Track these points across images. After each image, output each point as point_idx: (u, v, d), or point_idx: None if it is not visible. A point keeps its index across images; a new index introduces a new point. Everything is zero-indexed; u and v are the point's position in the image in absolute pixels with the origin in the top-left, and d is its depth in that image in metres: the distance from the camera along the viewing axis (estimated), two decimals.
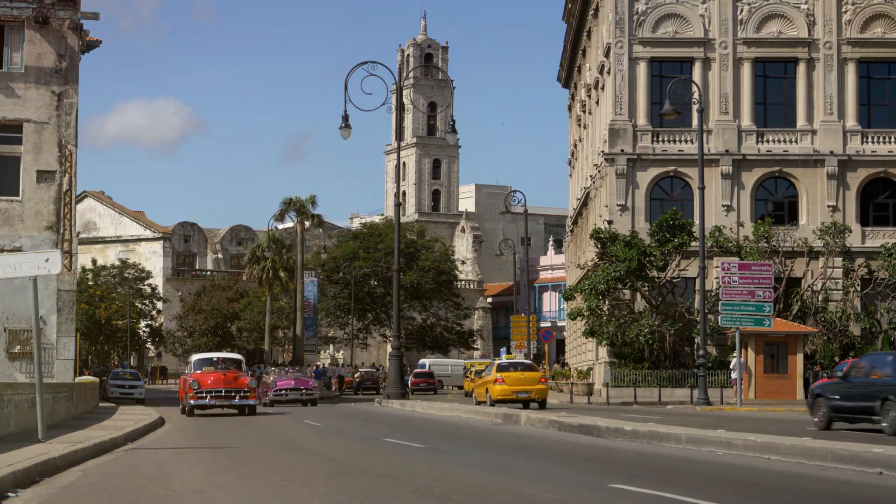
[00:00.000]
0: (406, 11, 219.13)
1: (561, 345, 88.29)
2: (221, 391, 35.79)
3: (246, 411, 36.26)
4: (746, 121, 56.40)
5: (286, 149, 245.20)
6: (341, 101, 42.64)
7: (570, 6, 74.10)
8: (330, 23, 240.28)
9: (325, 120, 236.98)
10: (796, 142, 56.31)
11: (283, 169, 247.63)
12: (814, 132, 56.13)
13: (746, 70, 56.59)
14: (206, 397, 35.70)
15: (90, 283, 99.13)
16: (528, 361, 47.71)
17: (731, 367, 47.60)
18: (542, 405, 40.38)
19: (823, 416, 26.38)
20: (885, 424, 23.75)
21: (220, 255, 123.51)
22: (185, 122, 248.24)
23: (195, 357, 39.59)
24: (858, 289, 54.19)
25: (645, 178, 56.03)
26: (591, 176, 64.69)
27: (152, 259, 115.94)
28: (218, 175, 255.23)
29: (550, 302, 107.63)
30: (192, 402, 35.73)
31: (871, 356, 28.70)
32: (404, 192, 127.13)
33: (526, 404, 39.43)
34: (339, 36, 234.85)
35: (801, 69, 56.56)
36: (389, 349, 60.08)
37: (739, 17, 56.73)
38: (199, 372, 36.95)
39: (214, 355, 40.14)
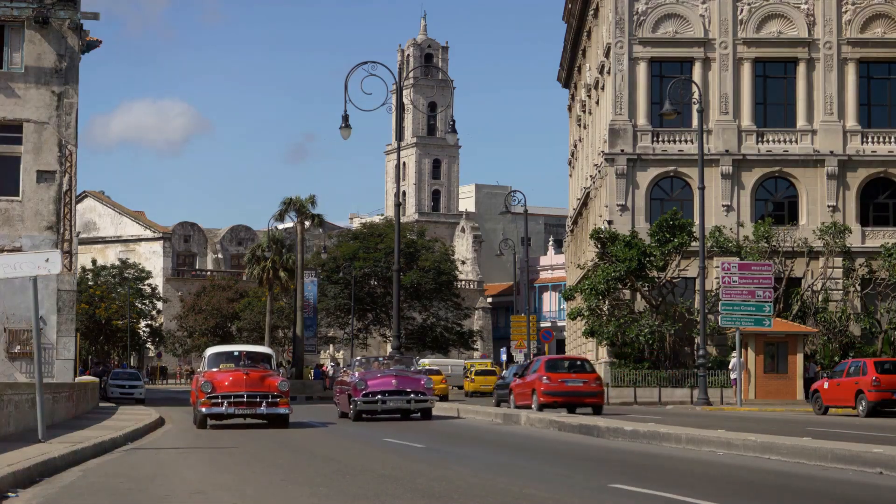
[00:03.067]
0: (406, 11, 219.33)
1: (561, 345, 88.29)
2: (242, 395, 27.01)
3: (276, 422, 27.92)
4: (746, 121, 56.40)
5: (291, 149, 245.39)
6: (342, 101, 42.48)
7: (570, 6, 74.10)
8: (330, 23, 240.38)
9: (326, 120, 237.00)
10: (796, 142, 56.32)
11: (285, 169, 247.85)
12: (814, 132, 56.14)
13: (746, 70, 56.60)
14: (221, 403, 26.95)
15: (90, 283, 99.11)
16: (435, 368, 62.69)
17: (730, 367, 47.65)
18: (444, 399, 52.46)
19: (496, 399, 45.33)
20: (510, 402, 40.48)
21: (220, 255, 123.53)
22: (190, 122, 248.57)
23: (211, 351, 30.36)
24: (858, 289, 54.19)
25: (645, 178, 56.04)
26: (591, 176, 64.69)
27: (152, 259, 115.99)
28: (221, 176, 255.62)
29: (550, 302, 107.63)
30: (203, 409, 27.08)
31: (511, 367, 51.14)
32: (404, 192, 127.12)
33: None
34: (339, 36, 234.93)
35: (801, 69, 56.57)
36: (389, 349, 60.04)
37: (739, 17, 56.74)
38: (214, 370, 28.25)
39: (236, 348, 31.06)
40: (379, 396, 30.60)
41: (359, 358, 36.59)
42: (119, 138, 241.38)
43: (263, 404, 27.22)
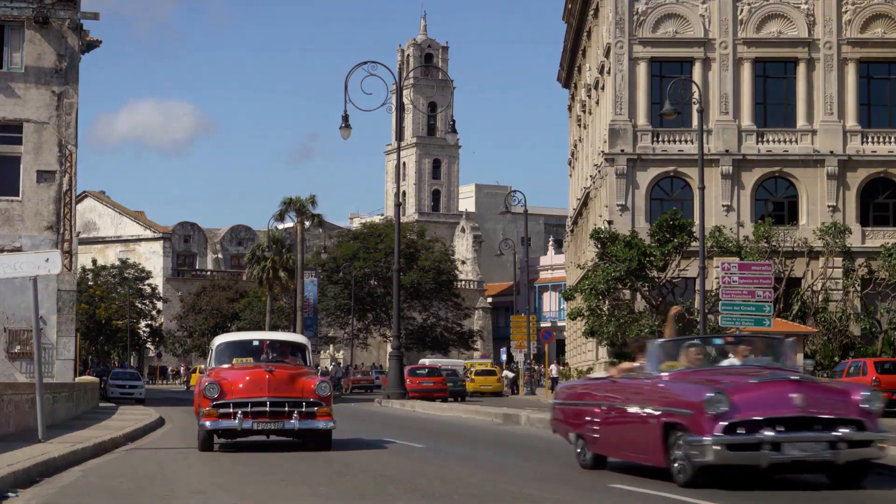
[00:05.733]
0: (406, 11, 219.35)
1: (561, 345, 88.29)
2: (264, 403, 19.21)
3: (314, 442, 19.94)
4: (746, 121, 56.40)
5: (295, 150, 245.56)
6: (342, 101, 42.47)
7: (570, 6, 74.10)
8: (330, 23, 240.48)
9: (327, 121, 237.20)
10: (796, 142, 56.32)
11: (286, 169, 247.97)
12: (814, 132, 56.13)
13: (746, 70, 56.59)
14: (233, 415, 19.17)
15: (90, 283, 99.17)
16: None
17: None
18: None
19: None
20: None
21: (220, 255, 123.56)
22: (194, 122, 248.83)
23: (220, 340, 21.91)
24: (858, 289, 54.17)
25: (645, 178, 56.04)
26: (591, 176, 64.69)
27: (152, 259, 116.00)
28: (223, 176, 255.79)
29: (550, 302, 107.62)
30: (207, 423, 19.38)
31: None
32: (404, 192, 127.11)
33: None
34: (339, 36, 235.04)
35: (801, 69, 56.56)
36: (389, 349, 60.05)
37: (739, 17, 56.73)
38: (224, 367, 20.44)
39: (255, 336, 23.28)
40: (767, 434, 13.25)
41: (662, 340, 16.16)
42: (124, 137, 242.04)
43: (294, 415, 19.20)
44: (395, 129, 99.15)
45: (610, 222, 55.22)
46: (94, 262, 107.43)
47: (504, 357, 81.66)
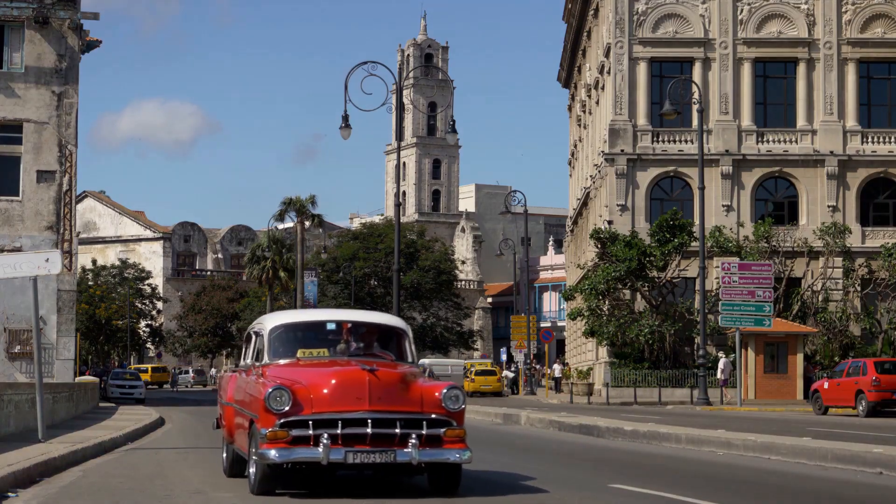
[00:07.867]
0: (406, 11, 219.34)
1: (561, 345, 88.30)
2: (364, 421, 12.00)
3: (436, 481, 12.90)
4: (746, 121, 56.40)
5: (297, 149, 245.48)
6: (342, 101, 42.45)
7: (570, 6, 74.11)
8: (330, 23, 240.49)
9: (327, 121, 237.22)
10: (796, 142, 56.33)
11: (286, 170, 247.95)
12: (814, 132, 56.14)
13: (746, 70, 56.59)
14: (317, 439, 11.92)
15: (90, 283, 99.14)
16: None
17: (720, 366, 47.75)
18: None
19: None
20: None
21: (220, 255, 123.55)
22: (198, 123, 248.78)
23: (277, 321, 14.01)
24: (858, 289, 54.18)
25: (645, 178, 56.04)
26: (591, 176, 64.70)
27: (152, 259, 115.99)
28: (224, 177, 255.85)
29: (550, 302, 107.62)
30: (272, 453, 11.87)
31: None
32: (404, 192, 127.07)
33: None
34: (339, 36, 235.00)
35: (801, 69, 56.56)
36: None
37: (739, 17, 56.74)
38: (284, 363, 13.30)
39: (330, 316, 14.67)
40: None
41: None
42: (127, 137, 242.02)
43: (411, 441, 12.13)
44: (395, 129, 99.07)
45: (610, 222, 55.22)
46: (94, 262, 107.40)
47: (504, 357, 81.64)
